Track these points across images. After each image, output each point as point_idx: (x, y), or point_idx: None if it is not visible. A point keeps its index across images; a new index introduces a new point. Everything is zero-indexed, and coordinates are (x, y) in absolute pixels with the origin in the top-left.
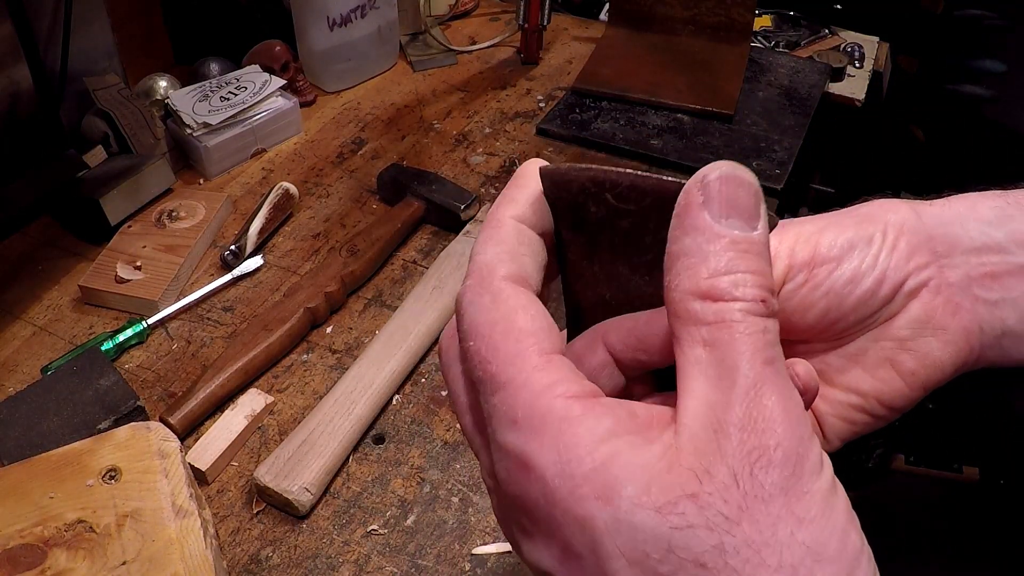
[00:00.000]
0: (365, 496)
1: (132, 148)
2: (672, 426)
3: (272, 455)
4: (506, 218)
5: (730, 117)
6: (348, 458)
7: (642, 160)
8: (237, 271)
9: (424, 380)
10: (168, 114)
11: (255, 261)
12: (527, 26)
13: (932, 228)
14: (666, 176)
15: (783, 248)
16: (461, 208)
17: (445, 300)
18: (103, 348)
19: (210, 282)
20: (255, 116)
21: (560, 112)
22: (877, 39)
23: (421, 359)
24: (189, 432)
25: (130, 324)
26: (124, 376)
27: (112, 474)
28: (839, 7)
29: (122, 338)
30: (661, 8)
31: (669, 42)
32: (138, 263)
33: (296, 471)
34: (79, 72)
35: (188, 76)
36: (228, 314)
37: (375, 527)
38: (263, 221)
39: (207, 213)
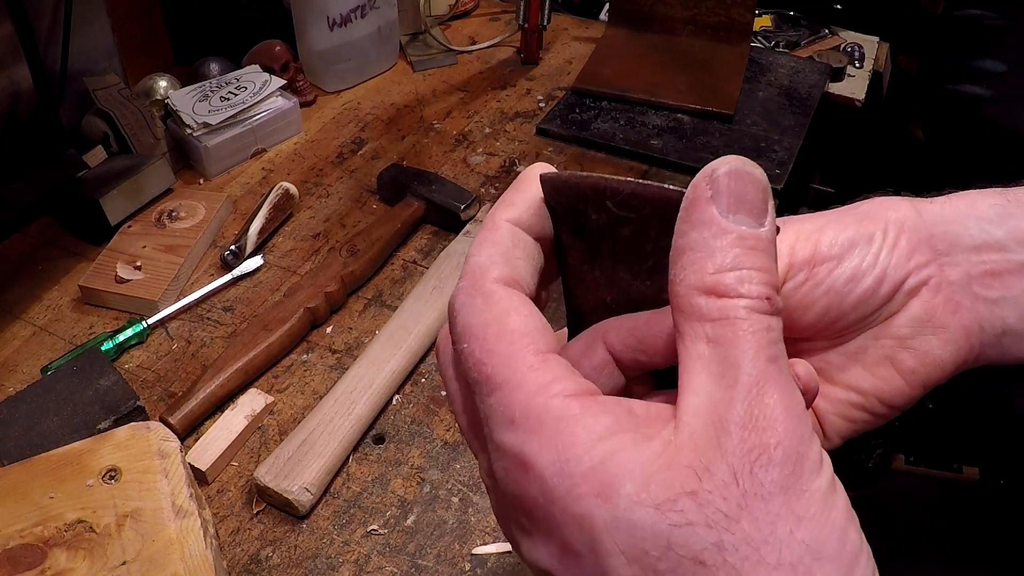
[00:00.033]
0: (365, 496)
1: (132, 148)
2: (671, 423)
3: (272, 455)
4: (502, 221)
5: (730, 117)
6: (348, 458)
7: (642, 160)
8: (237, 271)
9: (424, 380)
10: (168, 114)
11: (255, 261)
12: (527, 26)
13: (933, 226)
14: (667, 184)
15: (783, 246)
16: (461, 208)
17: (445, 300)
18: (103, 348)
19: (210, 282)
20: (255, 116)
21: (560, 112)
22: (877, 39)
23: (421, 359)
24: (189, 432)
25: (130, 324)
26: (124, 376)
27: (112, 474)
28: (839, 7)
29: (122, 338)
30: (661, 8)
31: (669, 42)
32: (138, 263)
33: (296, 471)
34: (79, 72)
35: (188, 76)
36: (228, 314)
37: (375, 527)
38: (263, 221)
39: (207, 213)
